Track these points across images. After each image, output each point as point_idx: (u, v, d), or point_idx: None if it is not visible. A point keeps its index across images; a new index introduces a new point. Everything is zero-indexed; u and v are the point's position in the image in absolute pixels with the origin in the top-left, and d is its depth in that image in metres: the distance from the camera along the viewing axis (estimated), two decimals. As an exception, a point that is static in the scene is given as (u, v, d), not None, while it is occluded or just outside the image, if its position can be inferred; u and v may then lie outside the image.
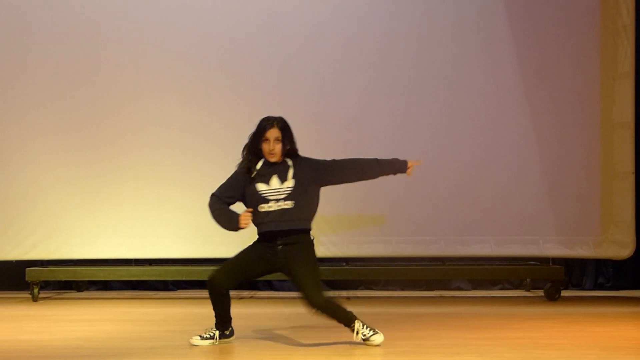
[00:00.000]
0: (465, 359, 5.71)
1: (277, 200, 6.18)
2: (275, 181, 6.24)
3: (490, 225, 9.35)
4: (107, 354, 5.96)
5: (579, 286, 10.38)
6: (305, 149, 9.24)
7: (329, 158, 7.00)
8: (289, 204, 6.17)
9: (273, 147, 6.26)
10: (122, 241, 9.33)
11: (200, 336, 6.30)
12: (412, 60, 9.41)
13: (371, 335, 6.13)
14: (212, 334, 6.31)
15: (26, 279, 9.35)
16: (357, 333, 6.11)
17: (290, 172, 6.27)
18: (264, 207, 6.20)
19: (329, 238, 8.92)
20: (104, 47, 9.40)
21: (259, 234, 6.31)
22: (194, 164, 9.34)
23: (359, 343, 6.16)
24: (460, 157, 9.38)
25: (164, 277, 9.73)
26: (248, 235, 6.42)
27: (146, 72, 9.38)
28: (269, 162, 6.30)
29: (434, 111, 9.39)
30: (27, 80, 9.38)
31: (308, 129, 9.33)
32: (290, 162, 6.32)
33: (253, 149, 6.31)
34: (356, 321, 6.15)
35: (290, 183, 6.23)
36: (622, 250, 9.39)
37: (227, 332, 6.37)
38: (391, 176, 6.70)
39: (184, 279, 9.82)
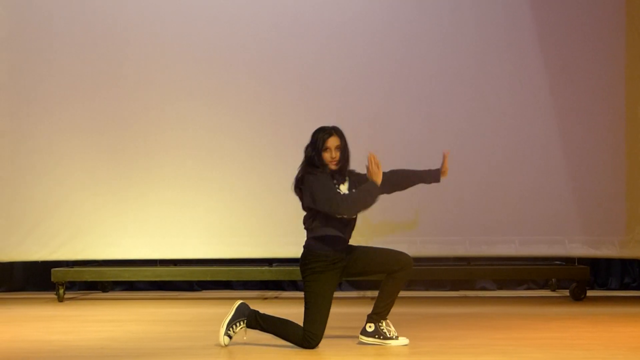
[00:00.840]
0: (491, 359, 5.70)
1: None
2: (343, 189, 6.27)
3: (515, 225, 9.33)
4: (134, 354, 5.98)
5: (604, 286, 10.34)
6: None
7: (353, 158, 6.96)
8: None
9: (335, 155, 6.29)
10: (147, 242, 9.36)
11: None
12: (437, 59, 9.40)
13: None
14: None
15: (52, 279, 9.39)
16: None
17: (347, 182, 6.36)
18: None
19: (354, 238, 8.88)
20: (130, 50, 9.44)
21: (326, 238, 6.26)
22: (220, 165, 9.36)
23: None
24: (485, 157, 9.37)
25: (189, 278, 9.75)
26: (276, 233, 6.41)
27: (172, 74, 9.41)
28: (330, 170, 6.29)
29: (459, 111, 9.38)
30: (54, 82, 9.43)
31: (332, 129, 9.36)
32: (344, 172, 6.35)
33: (314, 160, 6.28)
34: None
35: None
36: (648, 250, 9.35)
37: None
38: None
39: (209, 279, 9.84)
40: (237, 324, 6.22)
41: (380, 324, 6.26)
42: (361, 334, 6.31)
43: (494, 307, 8.88)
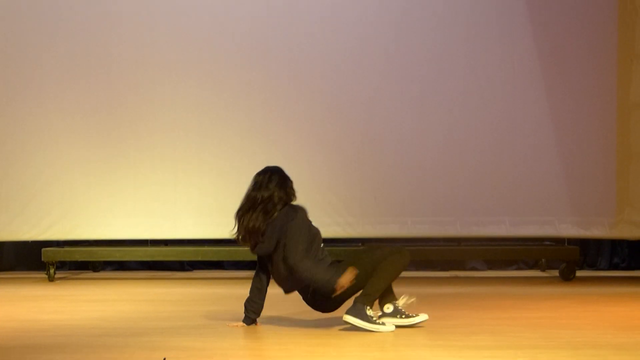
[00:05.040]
0: (481, 339, 5.73)
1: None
2: None
3: (506, 205, 9.34)
4: (125, 334, 5.99)
5: (594, 266, 10.37)
6: (323, 133, 9.32)
7: (345, 142, 6.98)
8: None
9: None
10: (138, 222, 9.35)
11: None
12: (429, 42, 9.38)
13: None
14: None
15: (42, 259, 9.38)
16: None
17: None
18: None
19: (345, 219, 8.93)
20: (122, 31, 9.40)
21: None
22: (210, 146, 9.35)
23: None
24: (476, 139, 9.37)
25: (180, 258, 9.76)
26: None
27: (164, 55, 9.38)
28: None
29: (451, 94, 9.37)
30: (45, 62, 9.39)
31: (324, 113, 9.37)
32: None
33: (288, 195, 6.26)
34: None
35: None
36: (637, 231, 9.38)
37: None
38: (408, 156, 6.71)
39: (200, 259, 9.85)
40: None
41: (386, 306, 6.24)
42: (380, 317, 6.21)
43: (484, 287, 8.91)
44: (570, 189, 9.35)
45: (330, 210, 8.96)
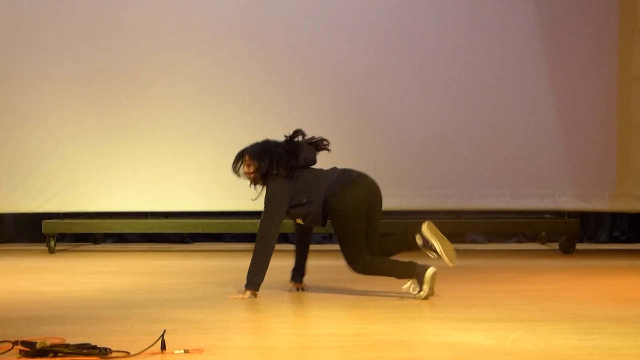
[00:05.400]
0: (480, 311, 5.74)
1: None
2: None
3: (506, 178, 9.34)
4: (125, 306, 6.00)
5: (594, 239, 10.39)
6: (322, 105, 9.30)
7: (345, 114, 6.92)
8: None
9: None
10: (138, 194, 9.35)
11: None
12: (428, 13, 9.35)
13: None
14: None
15: (42, 231, 9.39)
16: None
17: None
18: None
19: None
20: (120, 1, 9.37)
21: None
22: (210, 119, 9.34)
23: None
24: (477, 111, 9.36)
25: (180, 230, 9.77)
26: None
27: (163, 27, 9.35)
28: None
29: (451, 64, 9.35)
30: (44, 33, 9.36)
31: (324, 83, 9.35)
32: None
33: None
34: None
35: None
36: (637, 204, 9.39)
37: None
38: (408, 129, 6.75)
39: (200, 231, 9.85)
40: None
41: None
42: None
43: (484, 260, 8.92)
44: (570, 162, 9.35)
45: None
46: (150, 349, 4.40)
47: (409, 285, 6.20)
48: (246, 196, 9.34)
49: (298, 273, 6.58)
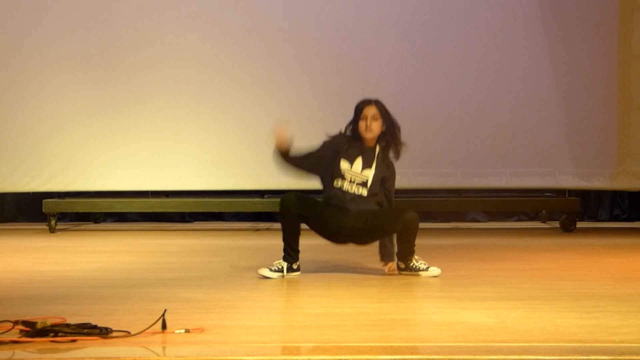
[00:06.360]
0: (481, 290, 5.74)
1: (353, 182, 6.24)
2: (358, 163, 6.26)
3: (506, 157, 9.34)
4: (126, 285, 6.01)
5: (594, 218, 10.39)
6: (323, 84, 9.29)
7: (345, 93, 6.90)
8: (363, 192, 6.25)
9: (370, 124, 6.30)
10: (139, 173, 9.35)
11: (269, 269, 6.25)
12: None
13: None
14: (280, 267, 6.25)
15: (43, 210, 9.40)
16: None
17: (375, 162, 6.31)
18: (339, 184, 6.23)
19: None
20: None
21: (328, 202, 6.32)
22: (211, 98, 9.33)
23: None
24: (477, 89, 9.35)
25: (181, 209, 9.78)
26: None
27: (165, 6, 9.33)
28: (360, 143, 6.32)
29: (451, 43, 9.33)
30: (44, 12, 9.33)
31: (325, 62, 9.35)
32: (377, 150, 6.34)
33: (351, 129, 6.37)
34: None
35: (370, 172, 6.25)
36: (638, 182, 9.39)
37: (295, 267, 6.31)
38: (407, 108, 6.72)
39: (200, 210, 9.86)
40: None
41: (408, 262, 6.31)
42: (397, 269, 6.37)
43: (484, 238, 8.93)
44: (571, 140, 9.34)
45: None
46: (150, 328, 4.40)
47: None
48: (247, 175, 9.41)
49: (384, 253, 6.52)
